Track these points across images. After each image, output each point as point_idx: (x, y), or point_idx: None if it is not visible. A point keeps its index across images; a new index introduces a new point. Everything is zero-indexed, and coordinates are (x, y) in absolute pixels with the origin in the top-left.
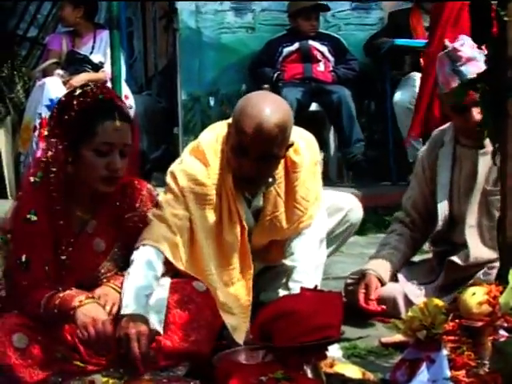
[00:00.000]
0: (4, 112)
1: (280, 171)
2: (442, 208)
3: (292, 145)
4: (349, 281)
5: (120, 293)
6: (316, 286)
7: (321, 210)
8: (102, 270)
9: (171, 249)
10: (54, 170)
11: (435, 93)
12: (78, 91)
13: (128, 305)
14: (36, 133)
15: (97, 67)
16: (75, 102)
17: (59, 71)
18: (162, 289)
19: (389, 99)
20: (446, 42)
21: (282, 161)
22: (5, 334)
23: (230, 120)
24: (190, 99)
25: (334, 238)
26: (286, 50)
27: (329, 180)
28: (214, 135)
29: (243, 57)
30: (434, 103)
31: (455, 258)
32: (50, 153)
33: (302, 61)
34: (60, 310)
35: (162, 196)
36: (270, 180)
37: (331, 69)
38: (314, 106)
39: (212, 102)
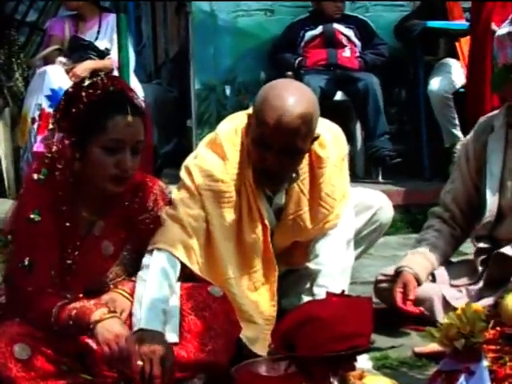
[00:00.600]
0: (2, 103)
1: (304, 166)
2: (492, 200)
3: (317, 138)
4: (380, 278)
5: (129, 299)
6: (343, 291)
7: (348, 209)
8: (111, 275)
9: (186, 252)
10: (60, 166)
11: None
12: (87, 82)
13: (145, 319)
14: (35, 125)
15: (102, 54)
16: (84, 94)
17: (61, 59)
18: (175, 295)
19: (422, 87)
20: (493, 26)
21: (307, 155)
22: (5, 345)
23: (250, 110)
24: (204, 88)
25: (362, 238)
26: (309, 34)
27: (355, 176)
28: (232, 127)
29: (262, 42)
30: (486, 88)
31: (505, 250)
32: (55, 148)
33: (325, 46)
34: (77, 322)
35: (175, 193)
36: (294, 176)
37: (358, 54)
38: (338, 95)
39: (228, 92)
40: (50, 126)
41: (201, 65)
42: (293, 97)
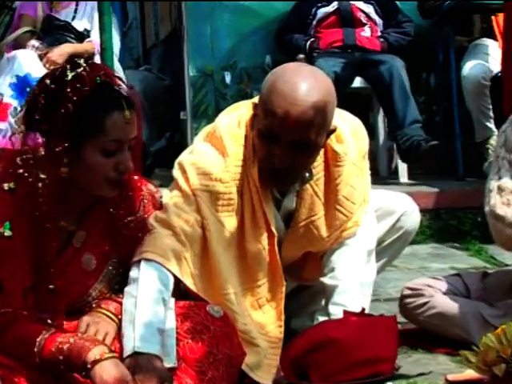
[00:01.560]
0: None
1: (319, 165)
2: None
3: (334, 131)
4: (406, 292)
5: (114, 320)
6: (363, 310)
7: (369, 215)
8: (94, 293)
9: (178, 263)
10: (44, 176)
11: None
12: (70, 74)
13: (139, 340)
14: None
15: (81, 36)
16: (69, 90)
17: (34, 42)
18: (170, 312)
19: (453, 72)
20: None
21: (322, 151)
22: None
23: (256, 99)
24: (201, 75)
25: (385, 248)
26: (322, 11)
27: (377, 175)
28: (234, 118)
29: (267, 21)
30: None
31: None
32: (28, 154)
33: (341, 24)
34: (69, 359)
35: (167, 195)
36: (306, 176)
37: (379, 34)
38: (357, 82)
39: (228, 79)
40: (20, 127)
41: (196, 48)
42: (306, 83)
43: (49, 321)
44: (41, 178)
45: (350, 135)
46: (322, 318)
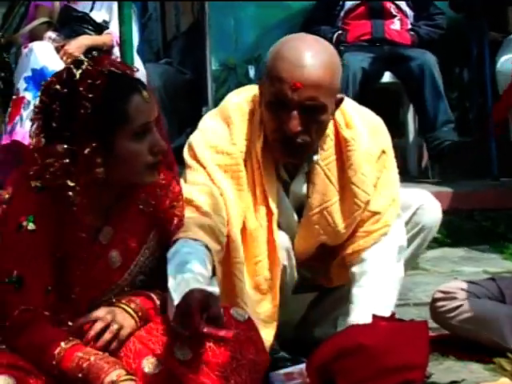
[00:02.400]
0: None
1: (329, 148)
2: None
3: (342, 100)
4: (437, 295)
5: (133, 317)
6: (393, 314)
7: (400, 218)
8: (116, 291)
9: (209, 234)
10: (72, 185)
11: None
12: (77, 73)
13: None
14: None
15: (100, 28)
16: (82, 89)
17: (51, 34)
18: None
19: (488, 67)
20: None
21: (332, 134)
22: None
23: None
24: (223, 69)
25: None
26: (350, 1)
27: (407, 175)
28: (244, 96)
29: (292, 13)
30: None
31: None
32: (54, 167)
33: (370, 16)
34: (87, 377)
35: (182, 180)
36: (314, 157)
37: (410, 27)
38: (386, 77)
39: (252, 73)
40: (42, 138)
41: (219, 40)
42: (309, 46)
43: (70, 323)
44: (71, 187)
45: (363, 125)
46: (350, 319)
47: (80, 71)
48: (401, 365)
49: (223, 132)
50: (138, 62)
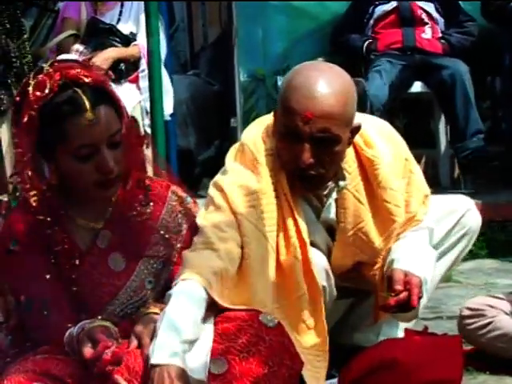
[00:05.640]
0: (7, 101)
1: (353, 170)
2: None
3: (359, 128)
4: (465, 312)
5: None
6: (426, 328)
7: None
8: (129, 292)
9: (217, 282)
10: (34, 193)
11: None
12: (32, 82)
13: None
14: None
15: (127, 40)
16: (32, 98)
17: (78, 46)
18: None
19: None
20: None
21: (353, 156)
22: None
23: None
24: (252, 80)
25: (448, 249)
26: (380, 9)
27: (438, 185)
28: (261, 131)
29: (321, 22)
30: None
31: None
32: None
33: (401, 24)
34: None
35: (202, 216)
36: (341, 183)
37: (440, 35)
38: (417, 86)
39: (280, 83)
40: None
41: (247, 51)
42: (322, 76)
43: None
44: (30, 195)
45: (381, 139)
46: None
47: (35, 80)
48: (434, 380)
49: (251, 174)
50: (164, 75)
